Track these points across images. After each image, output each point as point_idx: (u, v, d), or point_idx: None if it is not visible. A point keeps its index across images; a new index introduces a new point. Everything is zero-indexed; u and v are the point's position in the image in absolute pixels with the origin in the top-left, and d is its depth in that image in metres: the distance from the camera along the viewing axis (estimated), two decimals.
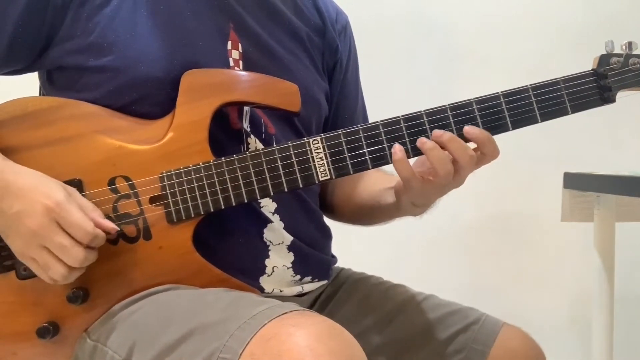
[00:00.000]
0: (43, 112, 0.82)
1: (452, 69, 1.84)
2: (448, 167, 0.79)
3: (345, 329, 0.66)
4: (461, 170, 0.80)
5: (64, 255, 0.73)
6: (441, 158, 0.79)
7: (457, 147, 0.79)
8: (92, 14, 0.83)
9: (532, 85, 0.83)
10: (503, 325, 0.92)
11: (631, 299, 1.78)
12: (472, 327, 0.91)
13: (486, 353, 0.89)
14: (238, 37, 0.89)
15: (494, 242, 1.87)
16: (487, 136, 0.80)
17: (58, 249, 0.73)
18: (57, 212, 0.73)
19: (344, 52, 1.05)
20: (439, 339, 0.91)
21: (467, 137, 0.80)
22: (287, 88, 0.85)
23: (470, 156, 0.80)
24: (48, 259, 0.74)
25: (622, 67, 0.84)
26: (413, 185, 0.81)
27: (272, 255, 0.88)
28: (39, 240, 0.73)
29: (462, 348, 0.90)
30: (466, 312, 0.94)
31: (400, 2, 1.84)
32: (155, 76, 0.82)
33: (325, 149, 0.81)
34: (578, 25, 1.80)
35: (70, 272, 0.75)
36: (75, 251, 0.73)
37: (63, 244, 0.73)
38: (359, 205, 1.01)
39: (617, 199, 1.43)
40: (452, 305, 0.96)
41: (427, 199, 0.85)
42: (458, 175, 0.80)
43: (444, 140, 0.79)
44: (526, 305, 1.81)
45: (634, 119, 1.83)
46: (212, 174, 0.81)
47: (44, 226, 0.73)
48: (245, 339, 0.63)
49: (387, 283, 1.01)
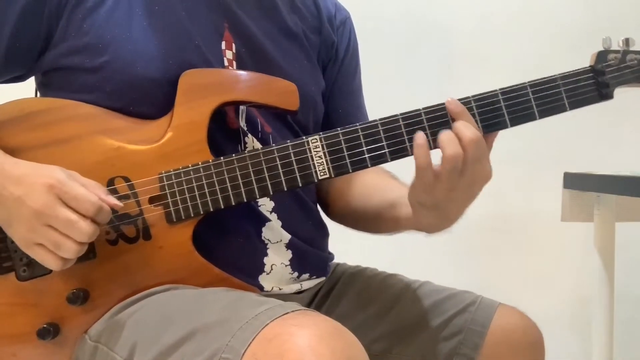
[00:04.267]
0: (41, 113, 0.82)
1: (451, 69, 1.84)
2: (456, 148, 0.76)
3: (347, 329, 0.66)
4: (469, 159, 0.77)
5: (72, 231, 0.72)
6: (450, 139, 0.77)
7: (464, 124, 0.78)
8: (86, 15, 0.83)
9: (530, 82, 0.83)
10: (499, 305, 0.93)
11: (631, 299, 1.78)
12: (469, 309, 0.92)
13: (484, 333, 0.89)
14: (232, 37, 0.89)
15: (493, 242, 1.87)
16: (463, 108, 0.80)
17: (65, 225, 0.72)
18: (60, 187, 0.72)
19: (340, 47, 1.05)
20: (437, 322, 0.92)
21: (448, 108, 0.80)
22: (286, 87, 0.85)
23: (474, 133, 0.77)
24: (57, 237, 0.72)
25: (620, 64, 0.84)
26: (426, 176, 0.78)
27: (270, 253, 0.88)
28: (44, 220, 0.72)
29: (460, 330, 0.91)
30: (462, 296, 0.95)
31: (400, 2, 1.85)
32: (151, 76, 0.82)
33: (324, 147, 0.81)
34: (577, 26, 1.80)
35: (82, 247, 0.73)
36: (83, 225, 0.72)
37: (70, 218, 0.72)
38: (357, 207, 1.00)
39: (617, 199, 1.44)
40: (448, 290, 0.97)
41: (434, 198, 0.80)
42: (465, 169, 0.77)
43: (457, 111, 0.79)
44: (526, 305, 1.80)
45: (634, 119, 1.83)
46: (211, 173, 0.80)
47: (47, 204, 0.72)
48: (247, 339, 0.63)
49: (382, 274, 1.02)
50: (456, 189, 0.79)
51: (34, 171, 0.74)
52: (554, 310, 1.85)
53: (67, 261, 0.74)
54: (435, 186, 0.78)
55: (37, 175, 0.73)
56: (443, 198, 0.80)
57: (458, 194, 0.80)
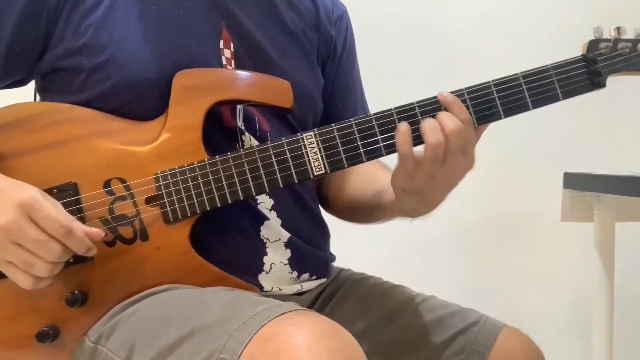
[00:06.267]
0: (37, 117, 0.82)
1: (450, 69, 1.84)
2: (438, 136, 0.77)
3: (345, 329, 0.65)
4: (450, 148, 0.78)
5: (40, 251, 0.71)
6: (433, 127, 0.78)
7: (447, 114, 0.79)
8: (84, 16, 0.83)
9: (523, 72, 0.83)
10: (503, 326, 0.91)
11: (631, 299, 1.77)
12: (471, 329, 0.91)
13: (486, 355, 0.88)
14: (230, 36, 0.90)
15: (493, 242, 1.87)
16: (454, 98, 0.80)
17: (33, 244, 0.70)
18: (31, 204, 0.70)
19: (338, 41, 1.05)
20: (438, 340, 0.91)
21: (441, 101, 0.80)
22: (280, 85, 0.86)
23: (456, 124, 0.78)
24: (26, 256, 0.71)
25: (611, 52, 0.84)
26: (407, 163, 0.79)
27: (269, 252, 0.88)
28: (10, 237, 0.70)
29: (461, 350, 0.89)
30: (466, 314, 0.93)
31: (400, 2, 1.85)
32: (148, 76, 0.82)
33: (319, 143, 0.81)
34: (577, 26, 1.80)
35: (55, 266, 0.72)
36: (51, 245, 0.71)
37: (37, 238, 0.70)
38: (352, 198, 1.01)
39: (617, 199, 1.43)
40: (451, 307, 0.95)
41: (415, 184, 0.82)
42: (447, 157, 0.78)
43: (448, 101, 0.79)
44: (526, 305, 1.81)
45: (634, 119, 1.83)
46: (206, 172, 0.81)
47: (16, 221, 0.70)
48: (244, 339, 0.63)
49: (387, 284, 1.01)
50: (437, 177, 0.80)
51: (9, 187, 0.73)
52: (554, 310, 1.85)
53: (41, 280, 0.73)
54: (416, 173, 0.80)
55: (11, 192, 0.72)
56: (424, 184, 0.81)
57: (439, 181, 0.81)
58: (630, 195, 1.25)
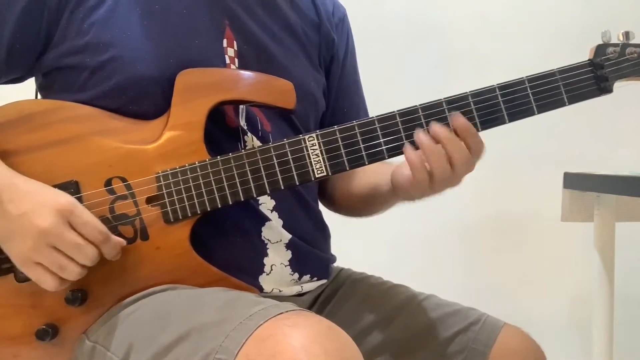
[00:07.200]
0: (39, 115, 0.82)
1: (450, 69, 1.84)
2: (444, 164, 0.79)
3: (342, 330, 0.65)
4: (456, 169, 0.80)
5: (78, 254, 0.74)
6: (438, 155, 0.79)
7: (454, 146, 0.79)
8: (87, 15, 0.83)
9: (528, 77, 0.82)
10: (504, 325, 0.91)
11: (631, 299, 1.77)
12: (472, 328, 0.91)
13: (486, 354, 0.88)
14: (233, 35, 0.89)
15: (493, 242, 1.87)
16: (470, 127, 0.80)
17: (71, 248, 0.73)
18: (71, 210, 0.74)
19: (340, 45, 1.05)
20: (439, 339, 0.91)
21: (453, 124, 0.80)
22: (282, 86, 0.85)
23: (466, 156, 0.79)
24: (61, 259, 0.74)
25: (619, 57, 0.83)
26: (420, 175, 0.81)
27: (270, 253, 0.88)
28: (49, 240, 0.73)
29: (462, 348, 0.89)
30: (467, 313, 0.93)
31: (400, 2, 1.85)
32: (151, 75, 0.82)
33: (321, 145, 0.81)
34: (577, 26, 1.80)
35: (84, 271, 0.75)
36: (89, 249, 0.74)
37: (77, 242, 0.73)
38: (358, 196, 1.01)
39: (617, 199, 1.43)
40: (452, 306, 0.95)
41: (422, 194, 0.85)
42: (454, 175, 0.80)
43: (442, 137, 0.79)
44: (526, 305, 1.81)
45: (634, 119, 1.82)
46: (208, 172, 0.81)
47: (56, 225, 0.73)
48: (241, 339, 0.63)
49: (387, 283, 1.01)
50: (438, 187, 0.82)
51: (44, 190, 0.76)
52: (554, 310, 1.85)
53: (65, 282, 0.75)
54: (425, 184, 0.81)
55: (47, 195, 0.75)
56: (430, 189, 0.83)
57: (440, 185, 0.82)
58: (630, 195, 1.24)
